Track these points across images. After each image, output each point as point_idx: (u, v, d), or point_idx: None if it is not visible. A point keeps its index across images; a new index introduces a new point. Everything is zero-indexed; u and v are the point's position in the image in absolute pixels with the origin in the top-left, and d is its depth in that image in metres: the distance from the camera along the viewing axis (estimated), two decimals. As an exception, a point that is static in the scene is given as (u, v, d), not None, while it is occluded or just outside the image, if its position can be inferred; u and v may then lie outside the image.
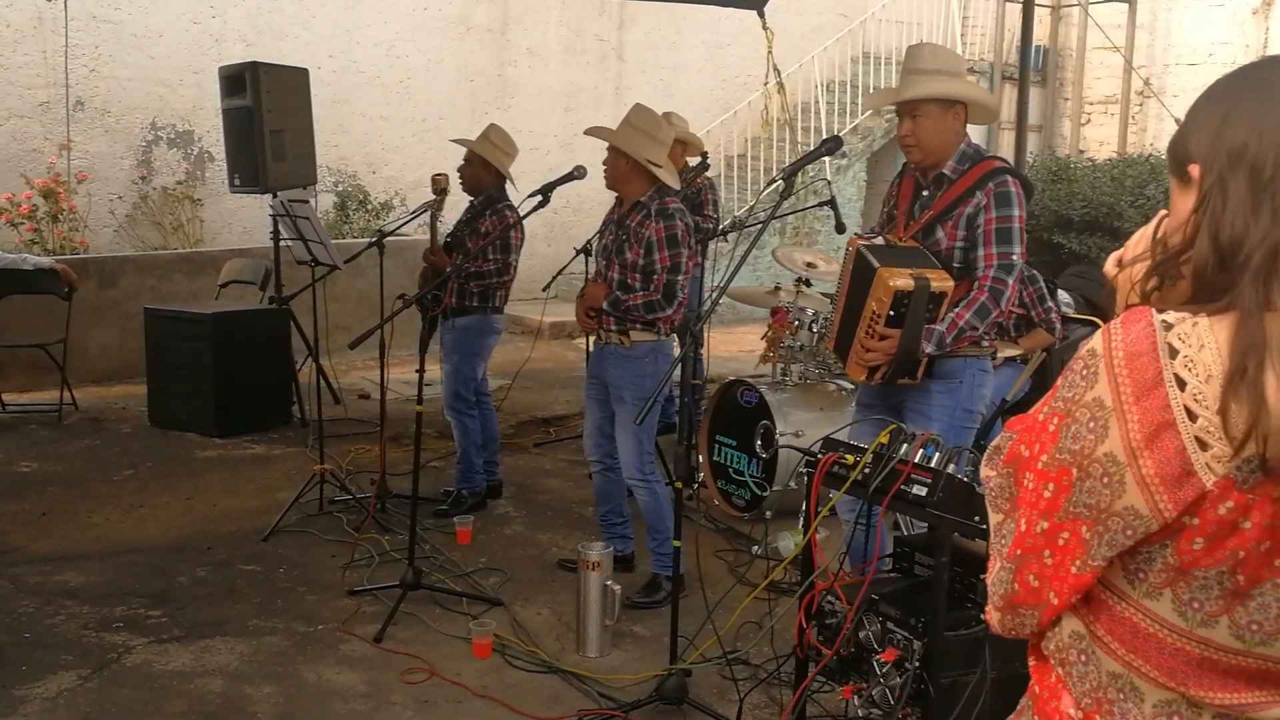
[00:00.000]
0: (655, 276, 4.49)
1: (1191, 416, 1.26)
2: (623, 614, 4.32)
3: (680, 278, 4.50)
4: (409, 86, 11.72)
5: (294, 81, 7.71)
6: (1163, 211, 1.49)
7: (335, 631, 4.32)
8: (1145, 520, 1.29)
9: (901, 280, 3.50)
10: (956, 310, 3.60)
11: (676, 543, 3.78)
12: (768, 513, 5.33)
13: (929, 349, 3.59)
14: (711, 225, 6.73)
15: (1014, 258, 3.63)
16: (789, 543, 5.02)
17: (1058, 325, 5.81)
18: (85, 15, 9.83)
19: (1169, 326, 1.30)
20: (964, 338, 3.62)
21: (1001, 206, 3.62)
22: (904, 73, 3.82)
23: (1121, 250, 1.58)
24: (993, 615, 1.45)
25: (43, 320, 7.68)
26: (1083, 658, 1.42)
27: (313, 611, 4.51)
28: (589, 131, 4.70)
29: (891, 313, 3.53)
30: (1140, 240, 1.53)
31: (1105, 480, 1.30)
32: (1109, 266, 1.58)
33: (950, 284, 3.57)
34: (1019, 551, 1.38)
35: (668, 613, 3.83)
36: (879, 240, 3.77)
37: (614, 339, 4.61)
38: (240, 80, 7.44)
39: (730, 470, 5.76)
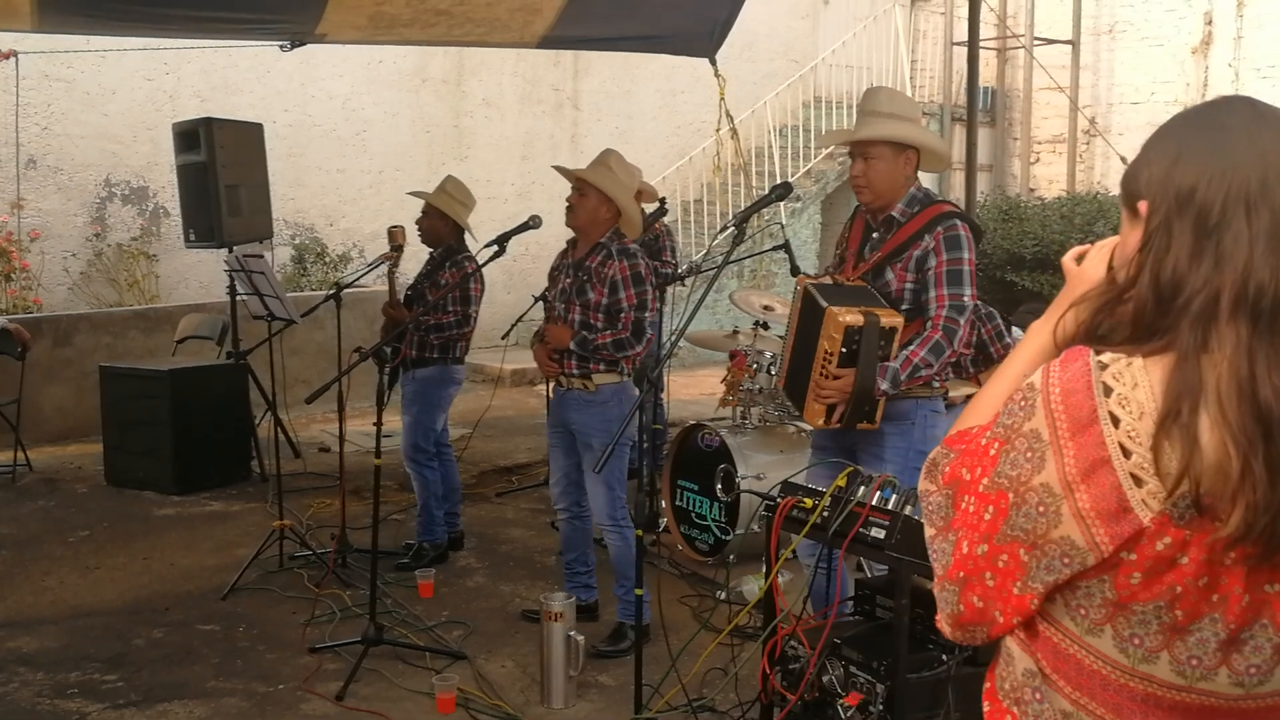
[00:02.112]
0: (623, 315, 4.52)
1: (1126, 453, 1.28)
2: (588, 664, 4.30)
3: (647, 314, 4.54)
4: (365, 139, 11.74)
5: (248, 136, 7.72)
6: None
7: (296, 690, 4.26)
8: (1082, 552, 1.31)
9: (851, 316, 3.53)
10: (910, 348, 3.63)
11: (639, 591, 3.77)
12: (730, 557, 5.33)
13: (884, 386, 3.61)
14: (670, 270, 6.78)
15: (965, 299, 3.67)
16: (753, 586, 5.02)
17: None
18: (37, 74, 9.79)
19: (1104, 366, 1.32)
20: (918, 376, 3.65)
21: (951, 249, 3.67)
22: (859, 114, 3.88)
23: (1084, 248, 1.60)
24: (944, 626, 1.46)
25: (-5, 380, 7.60)
26: (1037, 695, 1.42)
27: (273, 670, 4.45)
28: (581, 173, 4.64)
29: (844, 350, 3.55)
30: (1101, 252, 1.54)
31: (1041, 509, 1.32)
32: (1067, 259, 1.60)
33: (899, 320, 3.61)
34: (962, 574, 1.39)
35: (632, 661, 3.81)
36: (827, 280, 3.81)
37: (576, 384, 4.61)
38: (194, 136, 7.44)
39: (693, 515, 5.76)
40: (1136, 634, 1.34)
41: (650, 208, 7.06)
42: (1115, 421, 1.29)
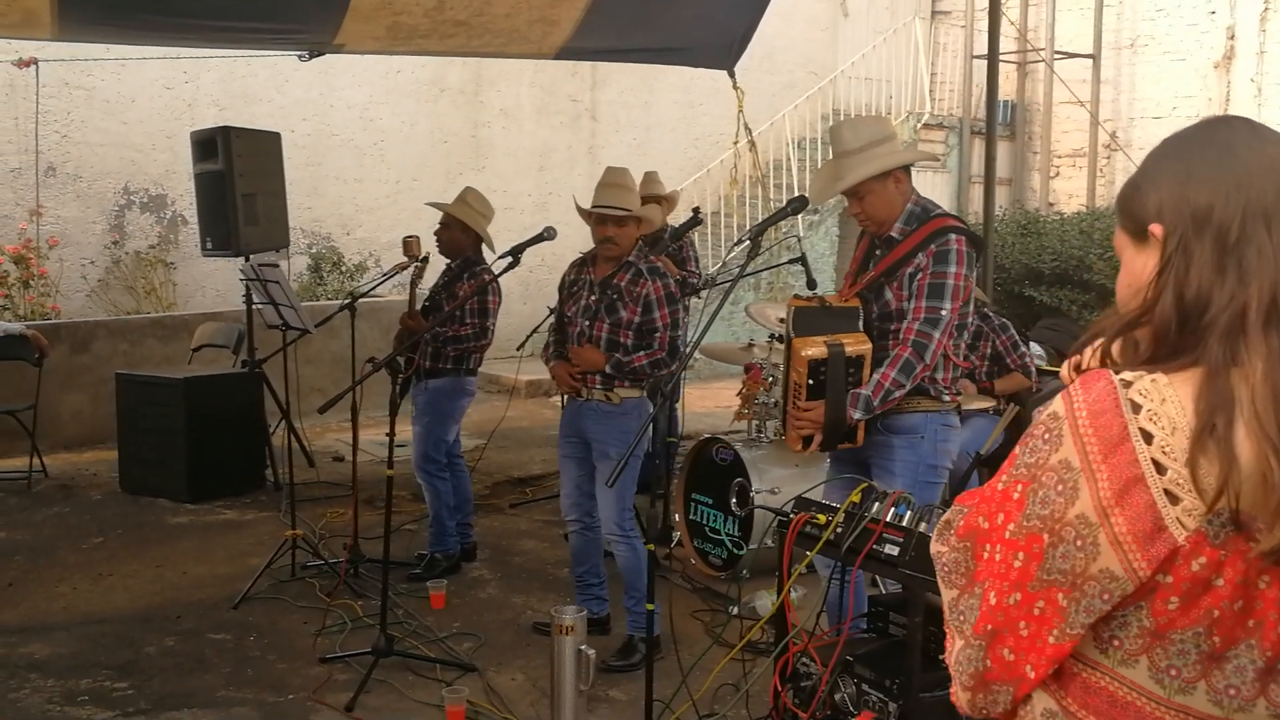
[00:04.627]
0: (657, 334, 4.54)
1: (1160, 469, 1.26)
2: (599, 678, 4.26)
3: (680, 333, 4.59)
4: (383, 148, 11.77)
5: (266, 145, 7.73)
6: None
7: (306, 701, 4.24)
8: (1121, 582, 1.28)
9: (813, 349, 3.52)
10: (882, 370, 3.61)
11: (650, 605, 3.73)
12: (744, 572, 5.30)
13: (857, 415, 3.59)
14: (696, 280, 6.77)
15: (942, 312, 3.63)
16: (767, 601, 4.98)
17: (1033, 369, 5.83)
18: (57, 82, 9.86)
19: (1128, 384, 1.30)
20: (892, 398, 3.62)
21: (939, 263, 3.64)
22: (834, 157, 3.85)
23: (1077, 358, 1.57)
24: (960, 696, 1.40)
25: (13, 386, 7.62)
26: None
27: (283, 680, 4.43)
28: (601, 207, 4.57)
29: (811, 382, 3.55)
30: (1097, 353, 1.51)
31: (1079, 544, 1.28)
32: (1065, 373, 1.57)
33: (867, 348, 3.59)
34: (989, 626, 1.34)
35: (644, 676, 3.78)
36: (814, 303, 3.80)
37: (598, 396, 4.60)
38: (212, 144, 7.46)
39: (706, 529, 5.72)
40: (1174, 665, 1.31)
41: (669, 217, 7.09)
42: (1147, 438, 1.27)
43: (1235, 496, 1.23)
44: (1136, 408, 1.28)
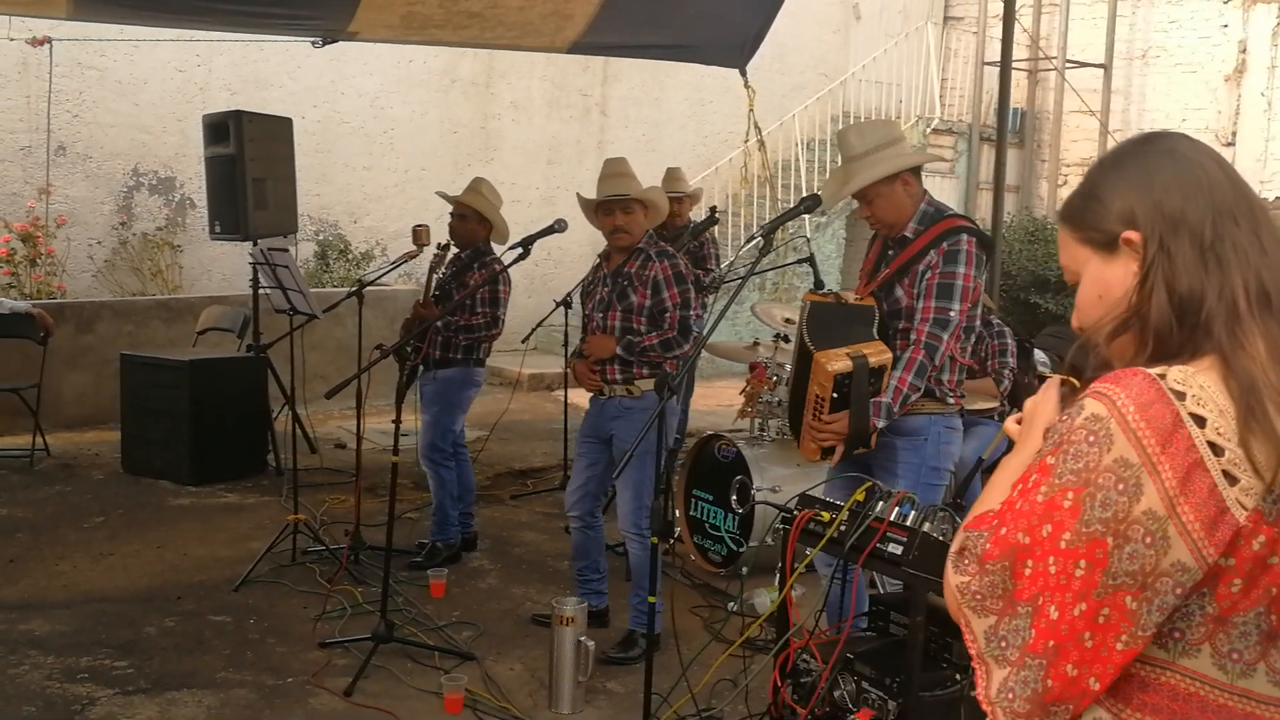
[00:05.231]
0: (668, 314, 4.53)
1: (1217, 451, 1.27)
2: (597, 670, 4.28)
3: (691, 313, 4.55)
4: (392, 137, 11.78)
5: (277, 130, 7.74)
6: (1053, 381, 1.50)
7: (305, 684, 4.25)
8: (1192, 572, 1.28)
9: (839, 364, 3.52)
10: (898, 375, 3.62)
11: (652, 599, 3.75)
12: (744, 568, 5.30)
13: (880, 423, 3.61)
14: (714, 278, 6.80)
15: (951, 313, 3.64)
16: (765, 599, 5.00)
17: (1007, 382, 5.77)
18: (70, 61, 9.86)
19: (1163, 376, 1.31)
20: (909, 402, 3.64)
21: (948, 263, 3.65)
22: (843, 162, 3.86)
23: (1018, 414, 1.58)
24: None
25: (17, 364, 7.63)
26: None
27: (282, 664, 4.44)
28: (633, 192, 4.57)
29: (835, 395, 3.55)
30: (1049, 391, 1.52)
31: (1148, 540, 1.27)
32: (1009, 426, 1.58)
33: (888, 356, 3.60)
34: (1051, 643, 1.29)
35: (642, 669, 3.79)
36: (830, 299, 3.80)
37: (619, 391, 4.60)
38: (224, 128, 7.47)
39: (707, 525, 5.73)
40: (1236, 648, 1.32)
41: (693, 213, 7.19)
42: (1200, 422, 1.28)
43: None
44: (1180, 395, 1.29)
